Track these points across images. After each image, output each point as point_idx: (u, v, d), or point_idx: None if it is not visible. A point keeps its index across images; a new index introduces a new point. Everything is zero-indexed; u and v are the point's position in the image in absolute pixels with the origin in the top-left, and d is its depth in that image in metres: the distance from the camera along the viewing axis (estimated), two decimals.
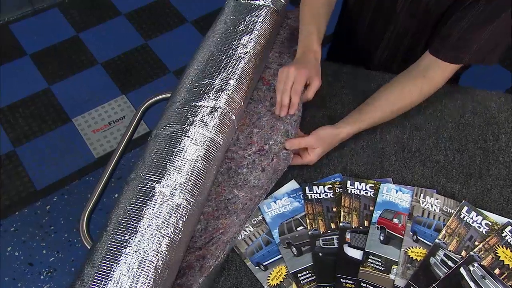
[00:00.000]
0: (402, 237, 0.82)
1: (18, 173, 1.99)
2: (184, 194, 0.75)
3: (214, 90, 0.87)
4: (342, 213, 0.86)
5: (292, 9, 1.16)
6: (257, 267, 0.81)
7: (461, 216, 0.84)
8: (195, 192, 0.77)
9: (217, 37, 0.97)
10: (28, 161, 2.02)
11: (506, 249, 0.80)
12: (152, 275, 0.67)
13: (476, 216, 0.84)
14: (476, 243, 0.81)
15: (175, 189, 0.74)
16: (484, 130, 1.00)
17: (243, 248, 0.83)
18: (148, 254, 0.68)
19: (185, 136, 0.80)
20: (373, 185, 0.89)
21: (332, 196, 0.88)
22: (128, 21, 2.58)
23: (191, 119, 0.83)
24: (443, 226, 0.83)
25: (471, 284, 0.76)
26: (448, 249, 0.80)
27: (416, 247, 0.81)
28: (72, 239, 1.83)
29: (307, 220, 0.86)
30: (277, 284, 0.79)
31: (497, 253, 0.80)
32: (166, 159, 0.77)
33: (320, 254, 0.81)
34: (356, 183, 0.89)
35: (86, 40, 2.49)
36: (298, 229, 0.85)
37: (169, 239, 0.70)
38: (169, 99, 0.92)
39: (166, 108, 0.89)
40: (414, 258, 0.80)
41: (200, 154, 0.79)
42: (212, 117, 0.84)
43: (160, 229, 0.70)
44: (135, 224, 0.70)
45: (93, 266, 0.67)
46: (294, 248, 0.83)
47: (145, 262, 0.67)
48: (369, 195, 0.88)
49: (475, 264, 0.78)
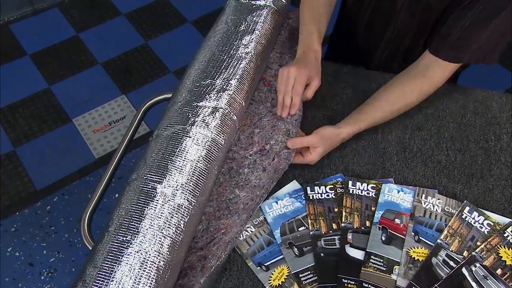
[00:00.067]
0: (404, 237, 0.82)
1: (18, 173, 1.99)
2: (186, 194, 0.75)
3: (215, 90, 0.87)
4: (343, 213, 0.85)
5: (292, 9, 1.16)
6: (258, 268, 0.81)
7: (463, 216, 0.84)
8: (197, 193, 0.76)
9: (218, 37, 0.97)
10: (28, 161, 2.02)
11: (508, 249, 0.80)
12: (154, 275, 0.66)
13: (478, 216, 0.84)
14: (478, 243, 0.81)
15: (177, 190, 0.74)
16: (486, 130, 1.00)
17: (244, 248, 0.83)
18: (149, 254, 0.67)
19: (187, 136, 0.80)
20: (374, 185, 0.89)
21: (334, 197, 0.88)
22: (128, 21, 2.58)
23: (193, 119, 0.83)
24: (445, 226, 0.83)
25: (473, 284, 0.76)
26: (450, 250, 0.80)
27: (418, 248, 0.81)
28: (73, 239, 1.82)
29: (309, 221, 0.85)
30: (278, 284, 0.79)
31: (499, 253, 0.80)
32: (167, 159, 0.77)
33: (322, 254, 0.81)
34: (358, 183, 0.89)
35: (86, 40, 2.48)
36: (299, 229, 0.85)
37: (171, 239, 0.70)
38: (170, 99, 0.92)
39: (167, 108, 0.89)
40: (416, 259, 0.79)
41: (201, 154, 0.79)
42: (213, 117, 0.84)
43: (161, 230, 0.70)
44: (136, 225, 0.70)
45: (95, 267, 0.66)
46: (296, 249, 0.82)
47: (147, 262, 0.67)
48: (370, 195, 0.88)
49: (477, 265, 0.78)
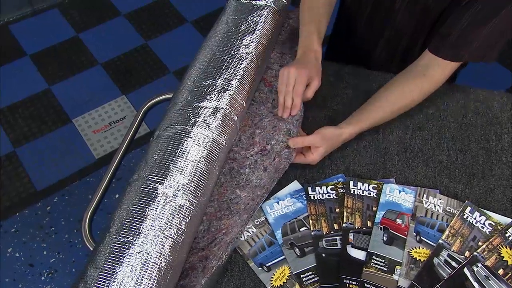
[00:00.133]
0: (405, 237, 0.82)
1: (18, 174, 1.98)
2: (187, 195, 0.75)
3: (216, 90, 0.87)
4: (345, 213, 0.85)
5: (293, 9, 1.16)
6: (260, 268, 0.81)
7: (464, 217, 0.84)
8: (198, 193, 0.76)
9: (219, 37, 0.97)
10: (28, 162, 2.02)
11: (510, 249, 0.80)
12: (156, 276, 0.66)
13: (480, 216, 0.84)
14: (480, 243, 0.81)
15: (178, 190, 0.74)
16: (487, 130, 1.00)
17: (246, 249, 0.83)
18: (151, 255, 0.67)
19: (188, 137, 0.80)
20: (376, 185, 0.89)
21: (335, 197, 0.88)
22: (128, 22, 2.58)
23: (194, 120, 0.82)
24: (446, 227, 0.83)
25: (475, 284, 0.76)
26: (452, 250, 0.80)
27: (419, 248, 0.81)
28: (73, 240, 1.82)
29: (310, 221, 0.85)
30: (280, 285, 0.78)
31: (501, 253, 0.80)
32: (168, 160, 0.77)
33: (323, 254, 0.81)
34: (359, 184, 0.89)
35: (86, 40, 2.48)
36: (301, 229, 0.85)
37: (172, 240, 0.70)
38: (171, 99, 0.92)
39: (168, 108, 0.89)
40: (417, 259, 0.79)
41: (202, 155, 0.79)
42: (214, 117, 0.83)
43: (163, 230, 0.70)
44: (138, 226, 0.69)
45: (96, 268, 0.66)
46: (297, 249, 0.82)
47: (148, 263, 0.67)
48: (372, 195, 0.88)
49: (479, 265, 0.78)
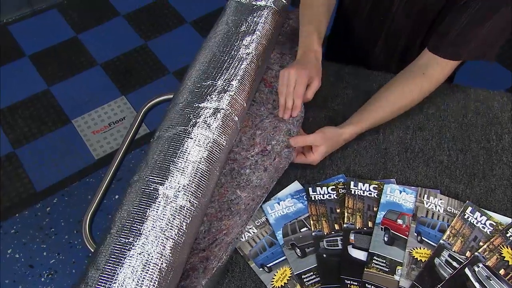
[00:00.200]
0: (406, 238, 0.82)
1: (18, 174, 1.98)
2: (188, 196, 0.74)
3: (216, 91, 0.87)
4: (346, 214, 0.85)
5: (293, 9, 1.16)
6: (261, 269, 0.81)
7: (465, 217, 0.84)
8: (199, 194, 0.76)
9: (219, 38, 0.97)
10: (28, 163, 2.02)
11: (511, 249, 0.80)
12: (157, 277, 0.66)
13: (480, 216, 0.84)
14: (481, 243, 0.81)
15: (179, 191, 0.74)
16: (487, 130, 1.00)
17: (246, 249, 0.83)
18: (152, 256, 0.67)
19: (188, 137, 0.80)
20: (376, 185, 0.89)
21: (336, 197, 0.88)
22: (127, 22, 2.57)
23: (194, 120, 0.82)
24: (447, 227, 0.83)
25: (476, 284, 0.76)
26: (453, 250, 0.80)
27: (420, 248, 0.81)
28: (73, 240, 1.82)
29: (311, 221, 0.85)
30: (281, 285, 0.78)
31: (502, 253, 0.79)
32: (169, 160, 0.77)
33: (324, 255, 0.81)
34: (360, 184, 0.89)
35: (85, 41, 2.48)
36: (301, 230, 0.85)
37: (173, 241, 0.70)
38: (171, 100, 0.92)
39: (169, 109, 0.88)
40: (418, 259, 0.79)
41: (203, 155, 0.79)
42: (215, 118, 0.83)
43: (164, 231, 0.70)
44: (139, 227, 0.69)
45: (97, 269, 0.66)
46: (298, 250, 0.82)
47: (149, 264, 0.66)
48: (372, 196, 0.88)
49: (480, 265, 0.78)
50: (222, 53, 0.93)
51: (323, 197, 0.88)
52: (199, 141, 0.80)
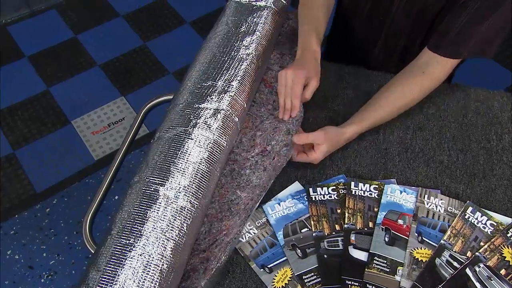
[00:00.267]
0: (407, 238, 0.82)
1: (17, 176, 1.98)
2: (188, 196, 0.74)
3: (216, 92, 0.87)
4: (346, 214, 0.85)
5: (292, 10, 1.16)
6: (262, 270, 0.81)
7: (466, 217, 0.84)
8: (199, 195, 0.76)
9: (219, 38, 0.97)
10: (27, 164, 2.02)
11: None
12: (157, 279, 0.66)
13: (481, 216, 0.84)
14: (482, 243, 0.81)
15: (179, 192, 0.74)
16: (487, 130, 1.00)
17: (247, 250, 0.83)
18: (153, 257, 0.67)
19: (189, 138, 0.80)
20: (377, 186, 0.89)
21: (336, 198, 0.88)
22: (126, 23, 2.57)
23: (194, 121, 0.82)
24: (448, 227, 0.83)
25: (477, 285, 0.76)
26: (454, 250, 0.80)
27: (421, 248, 0.81)
28: (73, 241, 1.82)
29: (312, 222, 0.85)
30: (282, 286, 0.78)
31: (503, 253, 0.79)
32: (169, 161, 0.77)
33: (325, 256, 0.81)
34: (360, 184, 0.89)
35: (85, 41, 2.48)
36: (302, 231, 0.85)
37: (174, 242, 0.70)
38: (171, 101, 0.92)
39: (169, 110, 0.88)
40: (419, 259, 0.79)
41: (203, 156, 0.79)
42: (215, 119, 0.83)
43: (164, 232, 0.70)
44: (139, 228, 0.69)
45: (98, 270, 0.66)
46: (299, 250, 0.82)
47: (150, 265, 0.66)
48: (373, 196, 0.88)
49: (481, 265, 0.78)
50: (222, 54, 0.93)
51: (324, 197, 0.88)
52: (199, 142, 0.80)
